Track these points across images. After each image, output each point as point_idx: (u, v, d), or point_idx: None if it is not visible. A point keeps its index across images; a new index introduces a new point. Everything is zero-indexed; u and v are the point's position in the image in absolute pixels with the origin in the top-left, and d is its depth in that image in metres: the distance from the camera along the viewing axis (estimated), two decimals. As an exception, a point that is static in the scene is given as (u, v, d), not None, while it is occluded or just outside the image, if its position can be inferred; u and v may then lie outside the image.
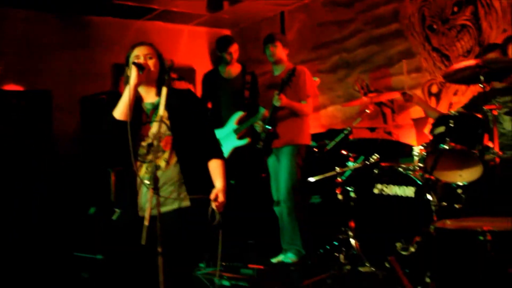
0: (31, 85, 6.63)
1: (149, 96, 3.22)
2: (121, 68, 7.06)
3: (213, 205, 3.04)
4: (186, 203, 3.10)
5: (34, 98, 6.37)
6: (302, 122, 5.21)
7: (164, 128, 3.08)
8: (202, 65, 7.94)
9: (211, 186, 3.13)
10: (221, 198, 3.06)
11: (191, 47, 7.94)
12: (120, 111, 3.07)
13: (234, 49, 5.81)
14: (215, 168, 3.15)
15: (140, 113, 3.15)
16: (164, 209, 3.02)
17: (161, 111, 2.97)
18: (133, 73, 3.06)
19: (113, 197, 5.74)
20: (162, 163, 3.10)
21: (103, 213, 5.51)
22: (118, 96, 3.13)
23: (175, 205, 3.10)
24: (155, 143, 3.06)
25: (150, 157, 3.08)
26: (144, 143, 3.12)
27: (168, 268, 2.86)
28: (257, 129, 5.35)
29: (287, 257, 5.02)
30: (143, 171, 3.11)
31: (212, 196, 3.05)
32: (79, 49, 7.06)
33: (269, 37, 5.34)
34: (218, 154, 3.18)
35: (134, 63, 3.07)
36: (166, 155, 3.10)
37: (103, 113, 3.15)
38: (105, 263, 4.90)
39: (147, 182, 2.96)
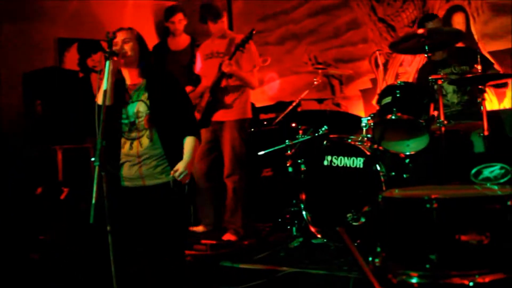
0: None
1: (131, 77, 3.42)
2: (64, 43, 7.00)
3: (175, 174, 3.24)
4: (169, 177, 3.31)
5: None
6: (246, 95, 5.06)
7: (144, 107, 3.33)
8: (148, 38, 7.64)
9: None
10: (180, 169, 3.24)
11: (136, 20, 7.74)
12: (101, 97, 3.22)
13: (178, 18, 5.70)
14: (186, 143, 3.36)
15: (123, 93, 3.38)
16: (150, 182, 3.35)
17: (104, 84, 3.14)
18: (106, 61, 3.21)
19: (60, 176, 5.63)
20: (145, 140, 3.33)
21: (50, 193, 5.39)
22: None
23: (162, 179, 3.35)
24: (136, 121, 3.33)
25: (133, 134, 3.34)
26: (126, 121, 3.35)
27: (159, 239, 3.30)
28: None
29: (226, 236, 4.92)
30: (127, 148, 3.35)
31: (175, 167, 3.26)
32: (20, 22, 6.80)
33: (215, 12, 5.05)
34: (192, 131, 3.39)
35: (104, 53, 3.24)
36: (147, 132, 3.33)
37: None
38: (55, 244, 4.82)
39: (94, 159, 2.97)
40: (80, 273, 4.54)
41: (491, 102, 5.10)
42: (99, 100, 3.25)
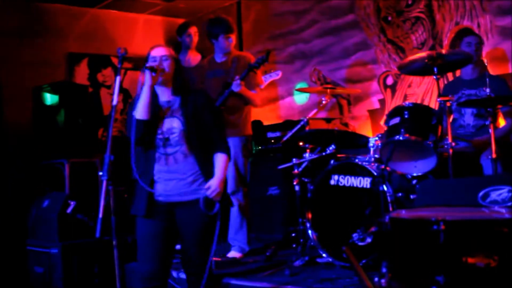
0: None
1: (164, 94, 3.44)
2: (75, 57, 7.06)
3: (207, 192, 3.29)
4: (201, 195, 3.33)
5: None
6: (248, 112, 5.08)
7: (178, 123, 3.36)
8: (158, 55, 7.85)
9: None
10: (213, 186, 3.28)
11: (147, 36, 7.83)
12: (140, 111, 3.28)
13: (194, 31, 5.75)
14: (218, 161, 3.41)
15: (157, 109, 3.39)
16: (185, 198, 3.36)
17: (115, 99, 3.12)
18: (146, 75, 3.30)
19: (68, 189, 5.64)
20: (179, 156, 3.35)
21: (57, 206, 5.40)
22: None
23: (197, 195, 3.35)
24: (170, 137, 3.35)
25: (167, 150, 3.36)
26: (161, 137, 3.36)
27: (189, 253, 3.39)
28: None
29: (231, 253, 4.93)
30: (162, 163, 3.36)
31: (207, 185, 3.30)
32: (31, 37, 6.87)
33: (229, 27, 4.99)
34: (223, 149, 3.43)
35: (145, 67, 3.31)
36: (182, 148, 3.35)
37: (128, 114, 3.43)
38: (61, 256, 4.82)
39: (101, 173, 2.98)
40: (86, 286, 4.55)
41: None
42: (138, 114, 3.29)
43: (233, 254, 4.92)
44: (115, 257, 3.00)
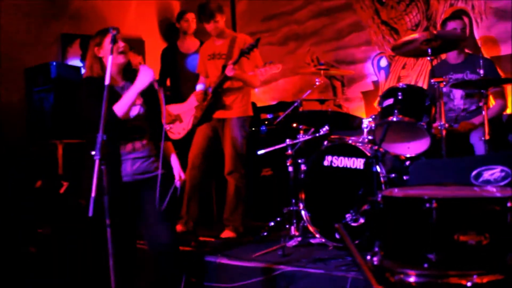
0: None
1: (117, 80, 3.56)
2: (68, 38, 7.00)
3: (177, 182, 3.64)
4: (161, 171, 3.55)
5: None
6: (247, 95, 5.11)
7: (141, 109, 3.52)
8: (151, 37, 7.80)
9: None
10: (183, 176, 3.67)
11: (140, 18, 7.78)
12: (123, 111, 3.36)
13: (191, 17, 5.73)
14: (169, 148, 3.73)
15: (117, 96, 3.43)
16: (146, 175, 3.55)
17: (107, 79, 3.07)
18: (146, 74, 3.39)
19: (60, 170, 5.63)
20: (144, 139, 3.54)
21: (50, 186, 5.40)
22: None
23: (154, 172, 3.57)
24: (138, 123, 3.50)
25: (133, 134, 3.50)
26: (127, 121, 3.45)
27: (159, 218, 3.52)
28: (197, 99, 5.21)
29: (225, 233, 4.96)
30: (129, 146, 3.50)
31: (177, 176, 3.65)
32: (23, 17, 6.80)
33: (206, 13, 5.02)
34: (167, 137, 3.71)
35: (156, 82, 3.43)
36: (146, 132, 3.55)
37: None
38: (54, 237, 4.82)
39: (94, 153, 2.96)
40: (78, 267, 4.55)
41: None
42: (120, 112, 3.37)
43: (227, 234, 4.93)
44: (108, 237, 2.99)
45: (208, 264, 4.21)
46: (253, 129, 5.75)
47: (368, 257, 2.54)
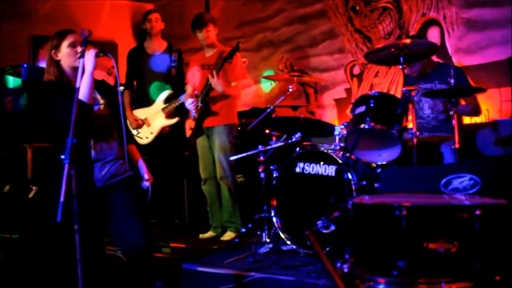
0: None
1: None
2: (39, 40, 6.91)
3: (147, 183, 3.61)
4: (130, 172, 3.55)
5: None
6: (233, 102, 5.21)
7: (107, 110, 3.48)
8: (125, 40, 7.76)
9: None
10: (150, 178, 3.63)
11: (113, 21, 7.72)
12: (89, 95, 3.27)
13: (155, 17, 5.70)
14: (134, 150, 3.69)
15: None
16: (115, 179, 3.46)
17: (78, 82, 3.11)
18: (91, 59, 3.27)
19: (30, 174, 5.54)
20: (112, 141, 3.47)
21: (18, 191, 5.31)
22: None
23: (123, 174, 3.50)
24: (104, 123, 3.44)
25: (101, 136, 3.42)
26: (96, 124, 3.39)
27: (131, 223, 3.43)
28: (188, 107, 5.24)
29: (227, 235, 5.08)
30: (97, 149, 3.41)
31: (146, 176, 3.61)
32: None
33: (200, 21, 5.19)
34: (134, 140, 3.80)
35: (98, 53, 3.30)
36: (113, 134, 3.48)
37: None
38: (21, 243, 4.74)
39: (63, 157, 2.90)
40: (46, 272, 4.47)
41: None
42: (86, 98, 3.26)
43: (229, 235, 5.05)
44: (77, 243, 2.95)
45: (181, 271, 4.17)
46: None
47: (338, 265, 2.54)
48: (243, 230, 4.76)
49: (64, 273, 3.71)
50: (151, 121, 5.57)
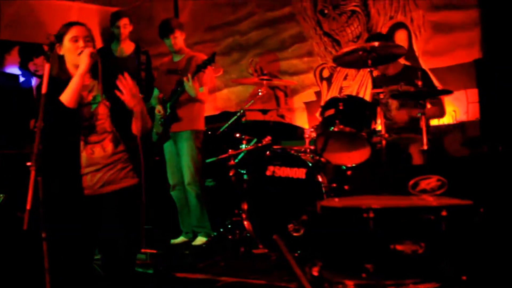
0: None
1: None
2: (5, 45, 6.80)
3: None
4: (132, 181, 3.15)
5: None
6: (200, 107, 5.21)
7: (104, 109, 3.10)
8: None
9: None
10: None
11: (81, 25, 7.63)
12: (71, 99, 2.98)
13: (124, 23, 5.65)
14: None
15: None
16: (113, 187, 3.09)
17: (44, 87, 2.87)
18: (85, 60, 3.02)
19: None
20: (107, 144, 3.11)
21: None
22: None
23: (125, 183, 3.13)
24: (95, 124, 3.08)
25: (93, 138, 3.09)
26: (86, 124, 3.08)
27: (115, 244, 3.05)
28: (156, 113, 5.22)
29: (198, 240, 5.06)
30: (88, 153, 3.08)
31: None
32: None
33: (167, 28, 5.19)
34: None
35: (90, 54, 3.02)
36: (110, 135, 3.11)
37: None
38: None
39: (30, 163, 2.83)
40: (13, 282, 4.39)
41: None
42: (67, 101, 2.97)
43: (200, 240, 5.02)
44: (44, 251, 2.90)
45: (150, 275, 4.14)
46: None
47: (307, 268, 2.55)
48: (214, 234, 4.75)
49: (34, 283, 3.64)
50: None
